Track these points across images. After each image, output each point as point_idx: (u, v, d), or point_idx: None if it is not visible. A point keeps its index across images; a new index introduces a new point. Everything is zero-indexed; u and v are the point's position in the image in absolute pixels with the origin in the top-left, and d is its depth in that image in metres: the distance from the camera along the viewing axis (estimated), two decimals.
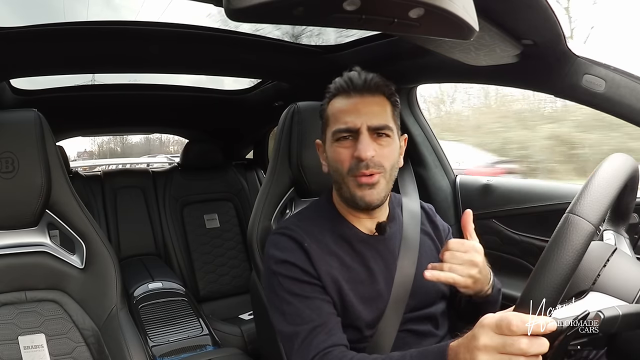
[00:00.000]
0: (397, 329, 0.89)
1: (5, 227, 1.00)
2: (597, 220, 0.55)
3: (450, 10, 0.53)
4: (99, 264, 1.05)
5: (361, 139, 0.85)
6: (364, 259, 0.92)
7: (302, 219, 0.96)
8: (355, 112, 0.87)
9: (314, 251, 0.88)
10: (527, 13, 0.81)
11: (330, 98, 0.92)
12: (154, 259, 2.22)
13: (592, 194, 0.55)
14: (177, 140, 8.35)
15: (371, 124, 0.86)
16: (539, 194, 1.33)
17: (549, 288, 0.53)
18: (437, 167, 1.58)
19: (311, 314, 0.84)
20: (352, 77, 0.89)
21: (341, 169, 0.88)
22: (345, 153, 0.87)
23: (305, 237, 0.90)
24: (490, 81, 1.22)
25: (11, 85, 1.62)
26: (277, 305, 0.88)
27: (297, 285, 0.86)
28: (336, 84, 0.91)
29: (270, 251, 0.92)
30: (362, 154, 0.84)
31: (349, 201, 0.90)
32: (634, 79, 0.93)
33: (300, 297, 0.85)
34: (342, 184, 0.89)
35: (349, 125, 0.86)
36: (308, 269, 0.87)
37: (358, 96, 0.88)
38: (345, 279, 0.89)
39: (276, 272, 0.88)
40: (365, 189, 0.86)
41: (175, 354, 1.59)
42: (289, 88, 1.83)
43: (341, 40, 1.45)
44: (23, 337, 0.99)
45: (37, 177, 0.99)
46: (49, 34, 1.16)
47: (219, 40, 1.35)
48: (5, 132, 0.98)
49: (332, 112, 0.91)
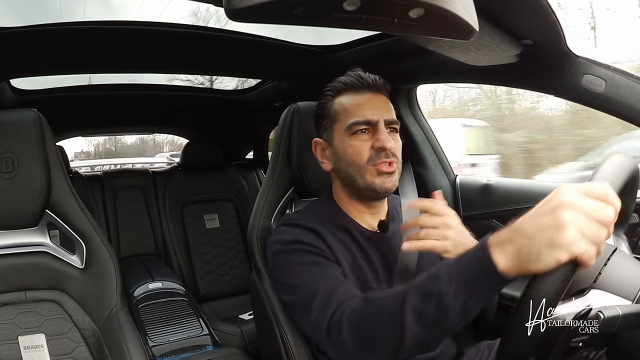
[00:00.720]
0: None
1: (5, 227, 1.00)
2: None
3: (450, 10, 0.53)
4: (99, 264, 1.05)
5: (382, 131, 0.88)
6: (367, 254, 0.92)
7: (305, 213, 0.97)
8: (371, 106, 0.89)
9: (324, 234, 0.88)
10: (527, 13, 0.81)
11: (335, 94, 0.93)
12: (154, 259, 2.22)
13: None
14: (170, 141, 8.32)
15: (386, 117, 0.89)
16: (539, 194, 1.31)
17: (549, 288, 0.53)
18: (437, 167, 1.58)
19: (329, 278, 0.81)
20: (362, 75, 0.92)
21: (358, 161, 0.89)
22: (364, 146, 0.88)
23: (313, 222, 0.90)
24: (490, 81, 1.22)
25: (11, 85, 1.62)
26: (292, 279, 0.85)
27: (309, 257, 0.84)
28: (343, 81, 0.93)
29: (276, 237, 0.91)
30: (387, 143, 0.86)
31: (364, 191, 0.91)
32: (634, 79, 0.93)
33: (314, 266, 0.83)
34: (357, 175, 0.90)
35: (368, 118, 0.88)
36: (321, 246, 0.86)
37: (370, 93, 0.91)
38: (352, 267, 0.89)
39: (285, 251, 0.87)
40: (384, 176, 0.88)
41: (175, 354, 1.59)
42: (289, 88, 1.83)
43: None
44: (23, 337, 0.99)
45: (37, 177, 0.99)
46: (48, 34, 1.16)
47: (218, 40, 1.35)
48: (5, 132, 0.98)
49: (343, 107, 0.92)
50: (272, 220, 1.17)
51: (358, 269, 0.89)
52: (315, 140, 0.98)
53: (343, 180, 0.94)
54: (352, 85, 0.91)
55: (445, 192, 1.56)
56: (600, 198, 0.51)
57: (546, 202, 0.55)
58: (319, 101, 0.97)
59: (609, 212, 0.51)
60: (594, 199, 0.51)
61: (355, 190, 0.92)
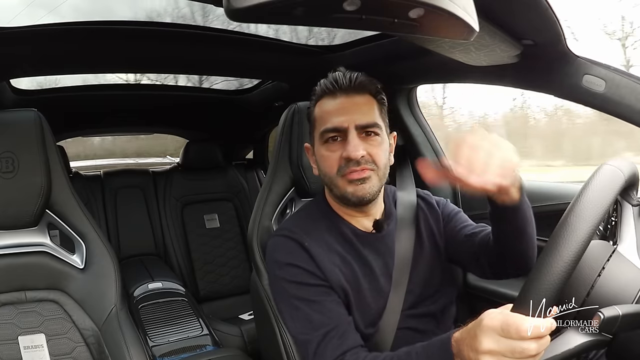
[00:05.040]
0: (397, 325, 0.89)
1: (5, 227, 1.00)
2: (596, 221, 0.54)
3: (451, 10, 0.53)
4: (99, 264, 1.05)
5: (350, 139, 0.84)
6: (363, 256, 0.92)
7: (300, 219, 0.97)
8: (342, 112, 0.86)
9: (314, 250, 0.88)
10: (527, 13, 0.81)
11: (317, 100, 0.91)
12: (154, 259, 2.22)
13: (590, 198, 0.55)
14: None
15: (359, 122, 0.85)
16: (538, 195, 1.32)
17: (548, 288, 0.53)
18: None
19: (321, 318, 0.83)
20: (336, 78, 0.88)
21: (329, 172, 0.87)
22: (334, 156, 0.86)
23: (305, 236, 0.90)
24: (490, 81, 1.22)
25: (11, 85, 1.62)
26: (287, 311, 0.88)
27: (303, 289, 0.86)
28: (321, 85, 0.90)
29: (272, 255, 0.92)
30: (352, 153, 0.83)
31: (341, 199, 0.90)
32: (634, 79, 0.93)
33: (308, 302, 0.85)
34: (332, 186, 0.89)
35: (336, 125, 0.85)
36: (312, 269, 0.87)
37: (344, 96, 0.87)
38: (346, 276, 0.89)
39: (281, 277, 0.88)
40: (356, 184, 0.86)
41: (175, 354, 1.59)
42: (289, 88, 1.83)
43: None
44: (23, 337, 0.99)
45: (38, 177, 0.99)
46: (48, 34, 1.16)
47: (218, 40, 1.35)
48: (6, 132, 0.98)
49: (318, 114, 0.90)
50: (273, 221, 1.17)
51: (352, 275, 0.89)
52: (306, 145, 0.98)
53: (326, 187, 0.94)
54: (327, 90, 0.89)
55: (445, 192, 1.56)
56: (520, 338, 0.55)
57: (474, 338, 0.60)
58: (308, 105, 0.95)
59: (529, 350, 0.55)
60: (513, 340, 0.55)
61: (336, 198, 0.92)
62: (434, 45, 0.90)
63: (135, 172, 2.49)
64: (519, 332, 0.54)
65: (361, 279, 0.90)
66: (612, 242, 0.68)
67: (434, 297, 0.94)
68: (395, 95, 1.53)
